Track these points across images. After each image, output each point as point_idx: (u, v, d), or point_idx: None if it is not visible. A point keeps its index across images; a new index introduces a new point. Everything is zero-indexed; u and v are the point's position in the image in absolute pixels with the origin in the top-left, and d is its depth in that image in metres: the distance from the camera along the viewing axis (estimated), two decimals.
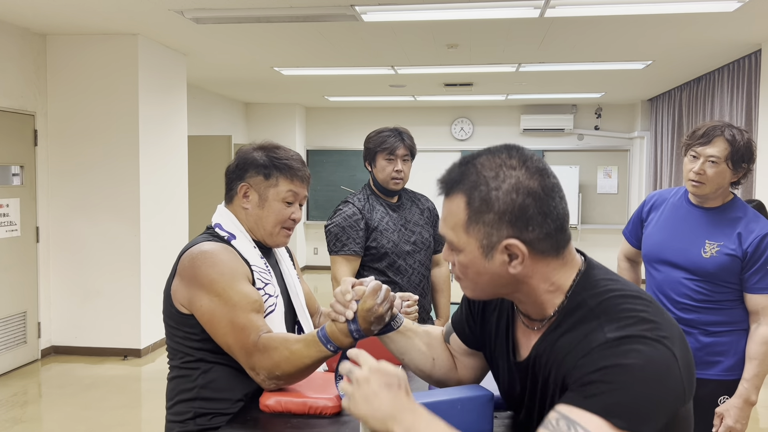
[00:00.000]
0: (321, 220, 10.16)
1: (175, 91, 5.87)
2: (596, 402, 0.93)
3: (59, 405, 4.20)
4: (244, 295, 1.49)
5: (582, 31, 5.03)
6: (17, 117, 5.01)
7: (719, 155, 2.02)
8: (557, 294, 1.07)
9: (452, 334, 1.36)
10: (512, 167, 1.03)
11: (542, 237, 1.03)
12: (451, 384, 1.34)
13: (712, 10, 4.39)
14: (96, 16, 4.69)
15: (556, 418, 0.95)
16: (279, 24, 4.84)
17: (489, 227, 1.02)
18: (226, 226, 1.65)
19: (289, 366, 1.41)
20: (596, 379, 0.94)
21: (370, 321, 1.30)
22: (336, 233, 2.54)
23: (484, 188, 1.02)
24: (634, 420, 0.91)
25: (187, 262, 1.53)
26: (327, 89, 8.28)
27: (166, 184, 5.71)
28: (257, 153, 1.68)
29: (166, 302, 1.58)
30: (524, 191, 1.01)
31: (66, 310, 5.40)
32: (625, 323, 0.97)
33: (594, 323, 1.00)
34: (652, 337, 0.95)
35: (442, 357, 1.35)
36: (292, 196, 1.67)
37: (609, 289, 1.04)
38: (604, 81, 7.43)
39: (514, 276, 1.05)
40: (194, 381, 1.54)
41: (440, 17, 4.59)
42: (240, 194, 1.66)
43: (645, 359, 0.93)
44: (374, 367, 1.04)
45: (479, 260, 1.05)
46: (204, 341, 1.52)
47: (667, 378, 0.94)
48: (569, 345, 1.02)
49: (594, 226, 9.54)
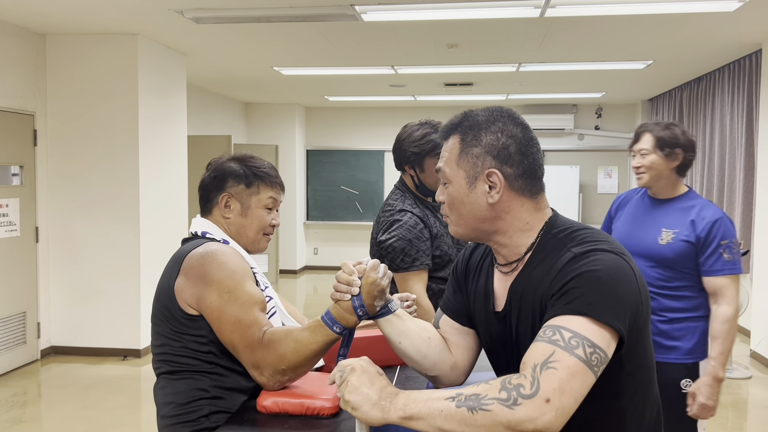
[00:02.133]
0: (321, 220, 10.16)
1: (175, 91, 5.87)
2: (574, 305, 1.07)
3: (59, 405, 4.20)
4: (251, 294, 1.52)
5: (582, 31, 5.02)
6: (17, 117, 5.01)
7: (647, 146, 2.32)
8: (531, 234, 1.23)
9: (442, 317, 1.44)
10: (501, 116, 1.24)
11: (518, 174, 1.22)
12: (446, 367, 1.39)
13: (713, 10, 4.38)
14: (96, 16, 4.69)
15: (543, 330, 1.08)
16: (279, 24, 4.84)
17: (475, 158, 1.22)
18: (216, 234, 1.67)
19: (296, 356, 1.43)
20: (570, 287, 1.09)
21: (374, 295, 1.38)
22: (402, 248, 2.25)
23: (476, 129, 1.24)
24: (608, 314, 1.06)
25: (195, 261, 1.54)
26: (327, 89, 8.28)
27: (166, 184, 5.71)
28: (233, 163, 1.71)
29: (166, 304, 1.56)
30: (508, 134, 1.22)
31: (65, 310, 5.40)
32: (588, 243, 1.15)
33: (562, 249, 1.17)
34: (611, 250, 1.13)
35: (436, 338, 1.41)
36: (272, 203, 1.73)
37: (574, 225, 1.23)
38: (605, 81, 7.42)
39: (492, 207, 1.22)
40: (207, 382, 1.54)
41: (440, 17, 4.59)
42: (221, 204, 1.69)
43: (608, 265, 1.10)
44: (358, 363, 1.17)
45: (464, 189, 1.24)
46: (211, 343, 1.53)
47: (627, 280, 1.10)
48: (542, 272, 1.17)
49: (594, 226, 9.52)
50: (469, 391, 1.03)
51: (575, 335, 1.04)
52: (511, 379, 1.03)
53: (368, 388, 1.10)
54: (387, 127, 10.03)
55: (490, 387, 1.03)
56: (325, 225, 10.25)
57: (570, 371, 1.01)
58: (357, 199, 10.06)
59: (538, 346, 1.05)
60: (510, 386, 1.01)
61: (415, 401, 1.06)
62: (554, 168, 9.19)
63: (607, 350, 1.05)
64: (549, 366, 1.02)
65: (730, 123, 6.22)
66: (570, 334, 1.04)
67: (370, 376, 1.12)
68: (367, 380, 1.11)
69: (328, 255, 10.31)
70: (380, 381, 1.12)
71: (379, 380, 1.12)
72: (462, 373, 1.41)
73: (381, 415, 1.07)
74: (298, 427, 1.38)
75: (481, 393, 1.02)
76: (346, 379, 1.12)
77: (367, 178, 10.03)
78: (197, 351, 1.54)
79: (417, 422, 1.04)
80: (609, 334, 1.06)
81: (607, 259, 1.11)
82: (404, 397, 1.08)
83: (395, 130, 9.99)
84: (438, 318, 1.46)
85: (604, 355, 1.05)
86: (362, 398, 1.09)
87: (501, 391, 1.01)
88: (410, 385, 1.65)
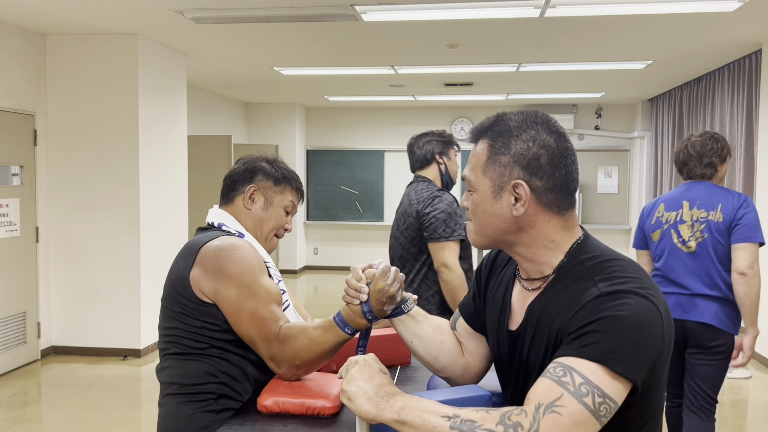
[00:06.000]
0: (321, 220, 10.16)
1: (175, 91, 5.87)
2: (591, 350, 1.01)
3: (59, 405, 4.20)
4: (267, 288, 1.55)
5: (582, 31, 5.02)
6: (17, 117, 5.01)
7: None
8: (556, 253, 1.16)
9: (459, 319, 1.42)
10: (535, 123, 1.16)
11: (548, 188, 1.14)
12: (458, 370, 1.38)
13: (713, 10, 4.38)
14: (96, 16, 4.69)
15: (554, 367, 1.02)
16: (279, 24, 4.84)
17: (503, 168, 1.15)
18: (232, 226, 1.70)
19: (309, 353, 1.47)
20: (591, 329, 1.02)
21: (383, 301, 1.37)
22: (444, 219, 2.60)
23: (507, 135, 1.16)
24: (625, 364, 1.00)
25: (212, 253, 1.55)
26: (327, 89, 8.28)
27: (166, 184, 5.71)
28: (265, 163, 1.79)
29: (179, 290, 1.57)
30: (540, 143, 1.14)
31: (66, 310, 5.40)
32: (617, 281, 1.07)
33: (588, 282, 1.09)
34: (640, 293, 1.05)
35: (450, 340, 1.39)
36: (292, 207, 1.79)
37: (603, 253, 1.14)
38: (605, 81, 7.42)
39: (516, 220, 1.15)
40: (217, 366, 1.56)
41: (440, 17, 4.59)
42: (246, 195, 1.73)
43: (635, 311, 1.02)
44: (363, 357, 1.18)
45: (489, 199, 1.17)
46: (223, 332, 1.56)
47: (653, 328, 1.03)
48: (564, 301, 1.10)
49: (594, 226, 9.53)
50: (466, 415, 1.01)
51: (586, 382, 0.99)
52: (512, 414, 0.99)
53: (366, 382, 1.10)
54: (387, 127, 10.02)
55: (488, 417, 1.00)
56: (325, 225, 10.25)
57: (574, 419, 0.97)
58: (357, 199, 10.06)
59: (546, 383, 1.00)
60: (509, 422, 0.98)
61: (411, 408, 1.04)
62: None
63: (618, 400, 1.00)
64: (554, 410, 0.97)
65: (730, 123, 6.22)
66: (581, 380, 0.99)
67: (371, 371, 1.13)
68: (367, 374, 1.12)
69: (328, 255, 10.31)
70: (380, 378, 1.12)
71: (380, 377, 1.12)
72: (474, 375, 1.40)
73: (375, 411, 1.06)
74: (298, 427, 1.37)
75: (478, 421, 0.99)
76: (348, 371, 1.14)
77: (367, 178, 10.03)
78: (208, 337, 1.56)
79: (408, 429, 1.03)
80: (623, 385, 1.00)
81: (634, 304, 1.03)
82: (402, 401, 1.07)
83: (395, 130, 9.99)
84: (455, 319, 1.44)
85: (614, 405, 1.00)
86: (358, 390, 1.09)
87: (498, 424, 0.98)
88: (409, 387, 1.65)
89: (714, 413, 2.71)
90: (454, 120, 9.88)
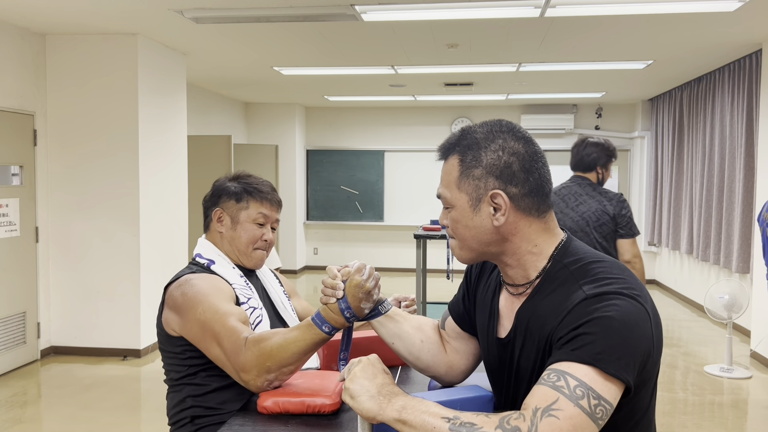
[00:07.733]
0: (321, 220, 10.16)
1: (175, 90, 5.87)
2: (582, 352, 1.01)
3: (59, 405, 4.20)
4: (227, 309, 1.58)
5: (582, 31, 5.02)
6: (17, 117, 5.01)
7: None
8: (540, 258, 1.18)
9: (447, 318, 1.44)
10: (501, 132, 1.18)
11: (525, 193, 1.15)
12: (441, 369, 1.39)
13: (713, 10, 4.38)
14: (95, 16, 4.69)
15: (548, 374, 1.03)
16: (279, 24, 4.84)
17: (477, 180, 1.16)
18: (206, 254, 1.79)
19: (281, 352, 1.43)
20: (581, 332, 1.03)
21: (359, 297, 1.38)
22: (632, 218, 3.18)
23: (475, 148, 1.17)
24: (616, 365, 1.01)
25: (171, 293, 1.67)
26: (327, 89, 8.28)
27: (166, 184, 5.71)
28: (230, 182, 1.84)
29: (159, 331, 1.72)
30: (509, 150, 1.16)
31: (65, 310, 5.40)
32: (602, 282, 1.08)
33: (573, 285, 1.10)
34: (627, 294, 1.06)
35: (431, 340, 1.41)
36: (263, 218, 1.81)
37: (587, 255, 1.16)
38: (605, 81, 7.42)
39: (498, 230, 1.16)
40: (188, 392, 1.67)
41: (440, 17, 4.59)
42: (215, 219, 1.83)
43: (622, 312, 1.03)
44: (367, 357, 1.20)
45: (468, 213, 1.18)
46: (193, 358, 1.64)
47: (641, 328, 1.04)
48: (551, 306, 1.11)
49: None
50: (466, 418, 1.02)
51: (581, 384, 0.99)
52: (510, 419, 1.00)
53: (369, 381, 1.12)
54: (387, 127, 10.02)
55: (488, 420, 1.00)
56: (325, 225, 10.24)
57: (572, 422, 0.98)
58: (357, 199, 10.06)
59: (542, 390, 1.01)
60: (507, 426, 0.99)
61: (412, 408, 1.06)
62: (554, 168, 9.16)
63: (613, 402, 1.01)
64: (551, 414, 0.98)
65: (730, 123, 6.22)
66: (576, 383, 1.00)
67: (374, 370, 1.15)
68: (370, 373, 1.14)
69: (328, 255, 10.30)
70: (383, 377, 1.13)
71: (383, 377, 1.14)
72: (460, 373, 1.41)
73: (376, 410, 1.08)
74: (299, 427, 1.37)
75: (477, 424, 1.00)
76: (352, 370, 1.16)
77: (367, 178, 10.02)
78: (179, 366, 1.67)
79: (409, 429, 1.04)
80: (616, 386, 1.01)
81: (621, 305, 1.04)
82: (403, 401, 1.08)
83: (395, 130, 9.99)
84: (444, 318, 1.45)
85: (609, 407, 1.00)
86: (361, 388, 1.11)
87: (497, 428, 0.99)
88: (410, 387, 1.65)
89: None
90: (454, 120, 9.87)
